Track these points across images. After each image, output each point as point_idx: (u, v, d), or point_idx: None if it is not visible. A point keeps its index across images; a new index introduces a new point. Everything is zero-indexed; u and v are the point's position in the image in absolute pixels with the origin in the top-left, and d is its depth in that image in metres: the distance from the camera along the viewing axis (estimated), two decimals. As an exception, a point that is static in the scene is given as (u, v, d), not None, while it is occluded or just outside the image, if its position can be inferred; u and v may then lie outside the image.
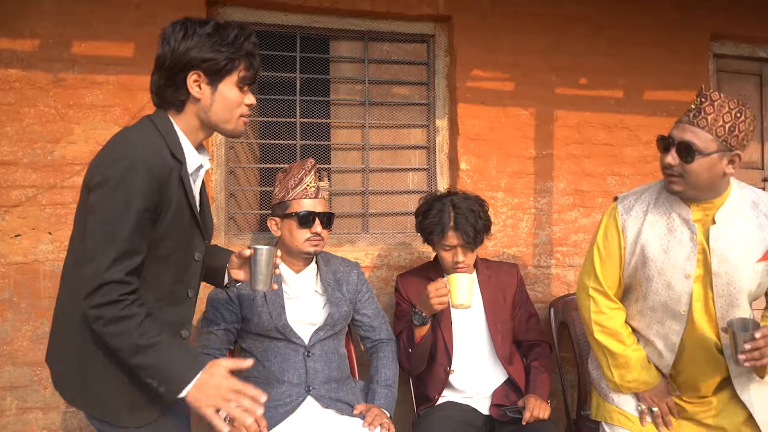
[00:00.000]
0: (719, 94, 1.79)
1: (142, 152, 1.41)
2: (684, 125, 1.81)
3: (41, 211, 2.46)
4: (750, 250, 1.86)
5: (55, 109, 2.48)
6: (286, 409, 2.07)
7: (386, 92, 3.00)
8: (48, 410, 2.44)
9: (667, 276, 1.90)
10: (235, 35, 1.52)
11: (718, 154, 1.78)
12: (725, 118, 1.77)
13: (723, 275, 1.86)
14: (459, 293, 2.08)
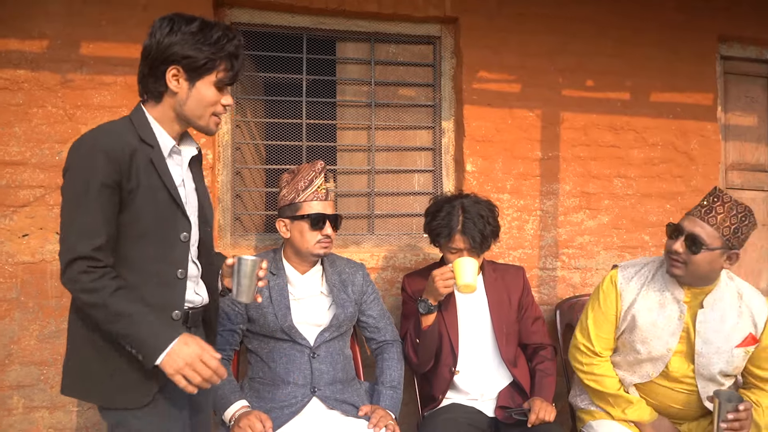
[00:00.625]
0: (730, 196, 2.01)
1: (99, 137, 1.53)
2: (695, 218, 2.02)
3: (49, 211, 2.47)
4: (731, 335, 2.08)
5: (63, 109, 2.49)
6: (292, 410, 2.07)
7: (392, 94, 3.00)
8: (54, 409, 2.45)
9: (650, 346, 2.13)
10: (218, 36, 1.57)
11: (721, 250, 1.99)
12: (732, 220, 1.98)
13: (704, 355, 2.09)
14: (464, 274, 2.12)
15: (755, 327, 2.11)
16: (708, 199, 2.04)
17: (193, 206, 1.69)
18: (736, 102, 3.36)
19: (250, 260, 1.67)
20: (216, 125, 1.68)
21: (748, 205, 2.05)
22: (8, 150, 2.44)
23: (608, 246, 3.02)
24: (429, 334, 2.25)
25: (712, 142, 3.15)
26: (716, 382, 2.10)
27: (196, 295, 1.70)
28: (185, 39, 1.55)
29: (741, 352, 2.10)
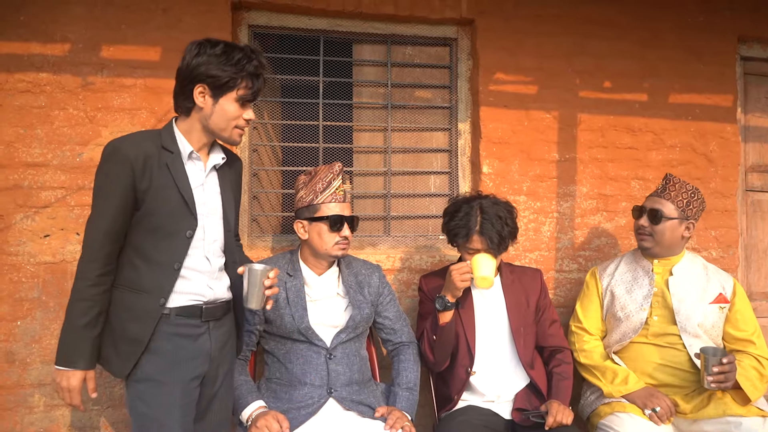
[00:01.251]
0: (679, 179, 2.44)
1: (118, 144, 1.77)
2: (654, 197, 2.45)
3: (70, 212, 2.50)
4: (702, 295, 2.39)
5: (84, 112, 2.52)
6: (308, 411, 2.08)
7: (409, 95, 3.01)
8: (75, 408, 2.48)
9: (627, 310, 2.44)
10: (239, 57, 1.78)
11: (678, 220, 2.39)
12: (683, 195, 2.41)
13: (683, 312, 2.36)
14: (481, 267, 2.17)
15: (724, 289, 2.41)
16: (662, 182, 2.47)
17: (213, 208, 1.89)
18: (756, 103, 3.32)
19: (259, 270, 1.81)
20: (239, 136, 1.88)
21: (696, 187, 2.48)
22: (30, 152, 2.48)
23: (625, 248, 3.00)
24: (446, 332, 2.25)
25: (731, 144, 3.12)
26: (701, 339, 2.34)
27: (208, 289, 1.85)
28: (210, 60, 1.77)
29: (715, 309, 2.38)
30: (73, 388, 1.75)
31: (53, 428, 2.47)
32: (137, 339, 1.76)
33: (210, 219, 1.87)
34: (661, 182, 2.48)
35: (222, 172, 1.94)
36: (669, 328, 2.37)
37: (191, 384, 1.82)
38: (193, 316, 1.83)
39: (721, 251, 3.09)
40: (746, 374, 2.26)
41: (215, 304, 1.88)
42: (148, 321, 1.77)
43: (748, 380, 2.24)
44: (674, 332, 2.35)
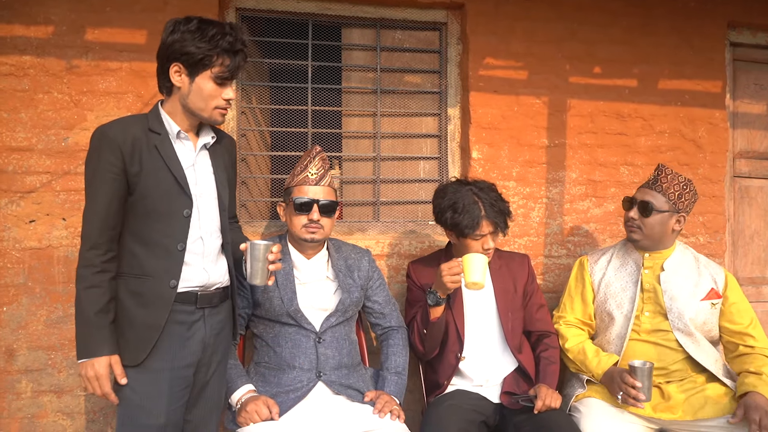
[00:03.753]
0: (672, 170, 2.36)
1: (105, 129, 1.74)
2: (645, 189, 2.39)
3: (55, 197, 2.48)
4: (693, 291, 2.35)
5: (68, 95, 2.49)
6: (297, 395, 2.08)
7: (398, 80, 2.99)
8: (62, 393, 2.47)
9: (624, 310, 2.38)
10: (213, 33, 1.72)
11: (669, 213, 2.33)
12: (675, 188, 2.34)
13: (675, 310, 2.32)
14: (473, 272, 2.08)
15: (716, 284, 2.37)
16: (654, 173, 2.40)
17: (206, 188, 1.86)
18: (744, 89, 3.33)
19: (262, 244, 1.78)
20: (221, 116, 1.83)
21: (689, 178, 2.43)
22: (15, 136, 2.45)
23: (614, 234, 3.01)
24: (437, 326, 2.25)
25: (720, 130, 3.13)
26: (694, 337, 2.30)
27: (203, 272, 1.82)
28: (184, 37, 1.71)
29: (707, 305, 2.34)
30: (101, 375, 1.70)
31: (41, 414, 2.46)
32: (152, 324, 1.74)
33: (204, 199, 1.84)
34: (653, 173, 2.42)
35: (213, 151, 1.91)
36: (661, 324, 2.32)
37: (183, 372, 1.79)
38: (187, 302, 1.80)
39: (708, 237, 3.11)
40: None
41: (209, 291, 1.85)
42: (161, 305, 1.75)
43: None
44: (666, 328, 2.32)
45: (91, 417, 2.49)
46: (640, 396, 2.08)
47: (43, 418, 2.46)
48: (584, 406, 2.25)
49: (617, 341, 2.37)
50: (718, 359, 2.34)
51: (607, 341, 2.41)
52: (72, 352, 2.47)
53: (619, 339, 2.36)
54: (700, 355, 2.29)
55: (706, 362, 2.28)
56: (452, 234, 2.35)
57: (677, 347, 2.30)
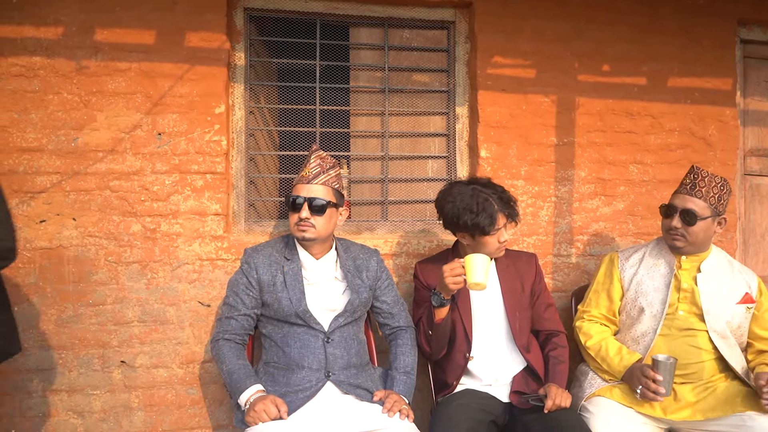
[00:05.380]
0: (707, 171, 2.32)
1: None
2: (684, 195, 2.33)
3: (65, 197, 2.49)
4: (729, 294, 2.33)
5: (78, 96, 2.50)
6: (306, 395, 2.09)
7: (406, 79, 2.99)
8: (73, 392, 2.49)
9: (654, 309, 2.35)
10: None
11: (712, 218, 2.31)
12: (714, 191, 2.30)
13: (712, 312, 2.30)
14: (475, 272, 2.06)
15: (750, 289, 2.36)
16: (689, 177, 2.35)
17: None
18: (755, 87, 3.30)
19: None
20: None
21: (722, 176, 2.38)
22: (25, 137, 2.46)
23: (623, 233, 3.00)
24: (442, 327, 2.24)
25: (730, 128, 3.11)
26: (728, 340, 2.30)
27: None
28: None
29: (742, 309, 2.33)
30: None
31: (52, 413, 2.48)
32: None
33: None
34: (687, 177, 2.35)
35: None
36: (696, 324, 2.30)
37: None
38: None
39: (719, 235, 3.08)
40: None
41: None
42: None
43: None
44: (701, 328, 2.29)
45: (101, 416, 2.50)
46: (660, 390, 2.08)
47: (54, 417, 2.48)
48: (594, 406, 2.24)
49: (643, 339, 2.35)
50: (743, 363, 2.33)
51: (633, 338, 2.38)
52: (82, 351, 2.48)
53: (646, 337, 2.34)
54: (732, 358, 2.28)
55: (734, 362, 2.27)
56: (467, 235, 2.34)
57: (707, 348, 2.28)
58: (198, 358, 2.58)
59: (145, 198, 2.55)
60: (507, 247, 2.57)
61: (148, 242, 2.55)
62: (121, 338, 2.52)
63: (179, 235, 2.57)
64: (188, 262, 2.58)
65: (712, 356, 2.28)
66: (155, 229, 2.56)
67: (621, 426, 2.15)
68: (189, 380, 2.57)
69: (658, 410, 2.22)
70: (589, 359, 2.42)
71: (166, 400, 2.55)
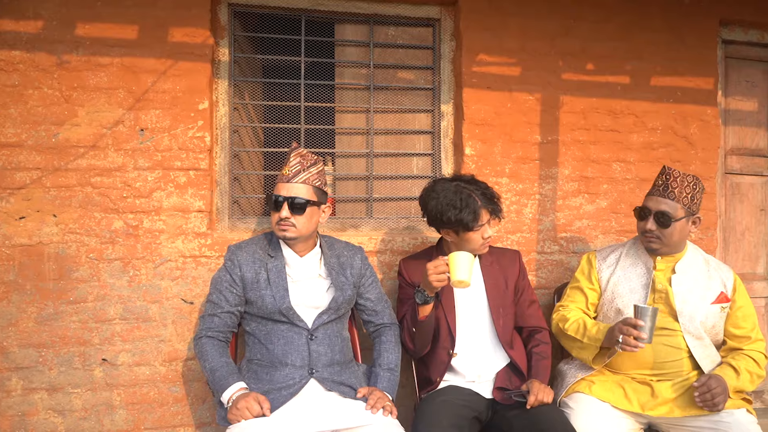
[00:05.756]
0: (678, 171, 2.32)
1: None
2: (657, 198, 2.33)
3: (45, 194, 2.46)
4: (704, 294, 2.34)
5: (59, 91, 2.47)
6: (290, 392, 2.08)
7: (391, 77, 2.98)
8: (53, 391, 2.46)
9: (629, 311, 2.31)
10: None
11: (686, 218, 2.31)
12: (687, 190, 2.30)
13: (686, 314, 2.31)
14: (459, 270, 2.05)
15: (725, 287, 2.37)
16: (661, 178, 2.35)
17: None
18: (736, 86, 3.34)
19: None
20: None
21: (694, 174, 2.40)
22: (4, 132, 2.43)
23: (606, 230, 3.02)
24: (425, 325, 2.24)
25: (711, 127, 3.14)
26: (703, 340, 2.32)
27: None
28: None
29: (717, 309, 2.34)
30: None
31: (32, 411, 2.45)
32: None
33: None
34: (659, 178, 2.35)
35: None
36: (672, 324, 2.31)
37: None
38: None
39: (699, 233, 3.12)
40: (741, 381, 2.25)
41: None
42: None
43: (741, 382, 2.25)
44: (677, 328, 2.30)
45: (82, 415, 2.48)
46: (642, 335, 2.08)
47: (34, 415, 2.45)
48: (574, 401, 2.26)
49: None
50: (716, 361, 2.35)
51: None
52: (63, 349, 2.46)
53: None
54: (703, 360, 2.29)
55: (704, 364, 2.29)
56: (451, 232, 2.35)
57: (681, 347, 2.30)
58: (181, 355, 2.56)
59: (127, 194, 2.53)
60: (491, 245, 2.58)
61: (130, 239, 2.53)
62: (102, 336, 2.50)
63: (162, 232, 2.55)
64: (171, 259, 2.56)
65: (687, 354, 2.31)
66: (137, 225, 2.53)
67: (600, 422, 2.17)
68: (172, 378, 2.55)
69: (636, 406, 2.25)
70: (568, 342, 2.40)
71: (149, 398, 2.53)
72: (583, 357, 2.35)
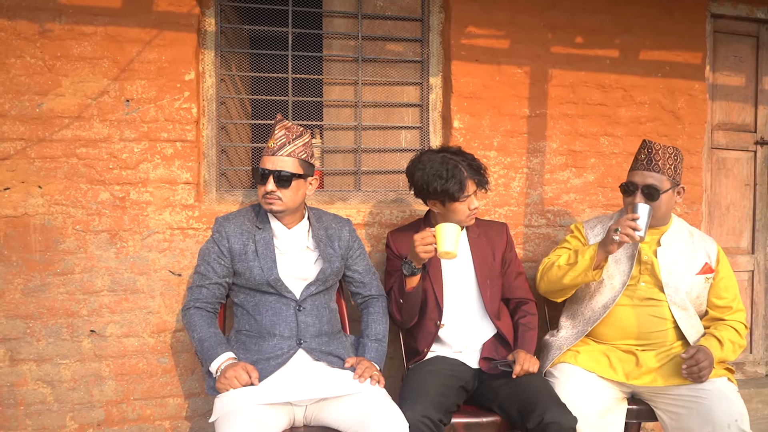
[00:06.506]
0: (658, 143, 2.33)
1: None
2: (642, 172, 2.33)
3: (30, 165, 2.43)
4: (689, 265, 2.39)
5: (42, 60, 2.43)
6: (278, 362, 2.09)
7: (380, 49, 2.96)
8: (41, 362, 2.46)
9: (614, 281, 2.40)
10: None
11: (672, 189, 2.33)
12: (669, 162, 2.32)
13: (671, 285, 2.36)
14: (445, 241, 2.07)
15: (709, 258, 2.41)
16: (643, 152, 2.36)
17: None
18: (724, 61, 3.35)
19: None
20: None
21: (672, 145, 2.41)
22: (-13, 101, 2.39)
23: (593, 204, 3.04)
24: (412, 296, 2.26)
25: (699, 102, 3.15)
26: (688, 311, 2.37)
27: None
28: None
29: (701, 280, 2.39)
30: None
31: (20, 382, 2.45)
32: None
33: None
34: (641, 152, 2.36)
35: None
36: (657, 294, 2.36)
37: None
38: None
39: (685, 207, 3.15)
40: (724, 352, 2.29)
41: None
42: None
43: (724, 353, 2.29)
44: (662, 299, 2.35)
45: (71, 385, 2.48)
46: (638, 227, 2.16)
47: (23, 386, 2.45)
48: (559, 371, 2.30)
49: (602, 310, 2.39)
50: (700, 331, 2.39)
51: (592, 309, 2.43)
52: (51, 321, 2.45)
53: (605, 309, 2.38)
54: (688, 330, 2.34)
55: (690, 334, 2.34)
56: (438, 203, 2.35)
57: (666, 317, 2.34)
58: (169, 327, 2.57)
59: (113, 166, 2.51)
60: (479, 217, 2.59)
61: (117, 211, 2.51)
62: (90, 307, 2.49)
63: (149, 203, 2.54)
64: (159, 231, 2.55)
65: (672, 324, 2.35)
66: (124, 197, 2.52)
67: (585, 390, 2.21)
68: (160, 349, 2.56)
69: (621, 375, 2.29)
70: (559, 272, 2.36)
71: (138, 369, 2.54)
72: (578, 272, 2.30)
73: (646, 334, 2.34)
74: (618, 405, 2.27)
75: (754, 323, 3.47)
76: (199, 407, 2.61)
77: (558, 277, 2.38)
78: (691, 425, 2.15)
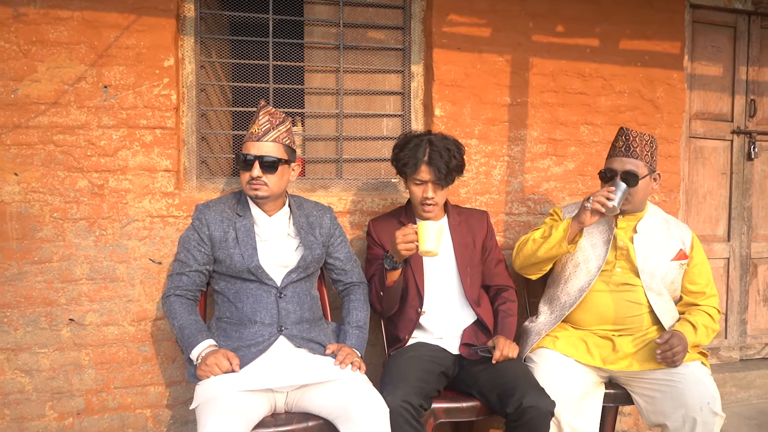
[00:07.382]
0: (635, 131, 2.38)
1: None
2: (621, 158, 2.38)
3: (6, 152, 2.40)
4: (664, 251, 2.43)
5: (17, 45, 2.39)
6: (259, 348, 2.10)
7: (361, 36, 2.95)
8: (19, 351, 2.44)
9: (590, 265, 2.43)
10: None
11: (649, 175, 2.38)
12: (646, 148, 2.38)
13: (647, 271, 2.40)
14: (427, 240, 2.08)
15: (684, 245, 2.46)
16: (621, 139, 2.40)
17: None
18: (702, 51, 3.39)
19: None
20: None
21: (647, 132, 2.49)
22: (-40, 87, 2.35)
23: (573, 192, 3.07)
24: (394, 289, 2.28)
25: (677, 91, 3.19)
26: (663, 297, 2.41)
27: None
28: None
29: (676, 266, 2.44)
30: None
31: (-2, 372, 2.43)
32: None
33: None
34: (619, 139, 2.41)
35: None
36: (633, 280, 2.40)
37: None
38: None
39: (663, 195, 3.19)
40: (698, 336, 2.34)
41: None
42: None
43: (698, 338, 2.34)
44: (638, 284, 2.39)
45: (50, 374, 2.47)
46: (611, 197, 2.23)
47: (1, 375, 2.43)
48: (538, 356, 2.33)
49: (578, 294, 2.42)
50: (675, 316, 2.44)
51: (567, 293, 2.46)
52: (29, 309, 2.43)
53: (580, 293, 2.42)
54: (664, 315, 2.38)
55: (665, 319, 2.38)
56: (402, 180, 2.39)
57: (642, 302, 2.38)
58: (150, 315, 2.55)
59: (91, 153, 2.48)
60: (460, 205, 2.61)
61: (95, 198, 2.49)
62: (69, 296, 2.47)
63: (128, 191, 2.52)
64: (138, 219, 2.53)
65: (648, 309, 2.40)
66: (103, 185, 2.49)
67: (563, 375, 2.25)
68: (141, 338, 2.55)
69: (598, 360, 2.33)
70: (534, 246, 2.40)
71: (118, 357, 2.53)
72: (552, 243, 2.34)
73: (622, 318, 2.38)
74: (596, 389, 2.31)
75: (729, 309, 3.54)
76: (180, 395, 2.61)
77: (533, 250, 2.41)
78: (664, 408, 2.20)
